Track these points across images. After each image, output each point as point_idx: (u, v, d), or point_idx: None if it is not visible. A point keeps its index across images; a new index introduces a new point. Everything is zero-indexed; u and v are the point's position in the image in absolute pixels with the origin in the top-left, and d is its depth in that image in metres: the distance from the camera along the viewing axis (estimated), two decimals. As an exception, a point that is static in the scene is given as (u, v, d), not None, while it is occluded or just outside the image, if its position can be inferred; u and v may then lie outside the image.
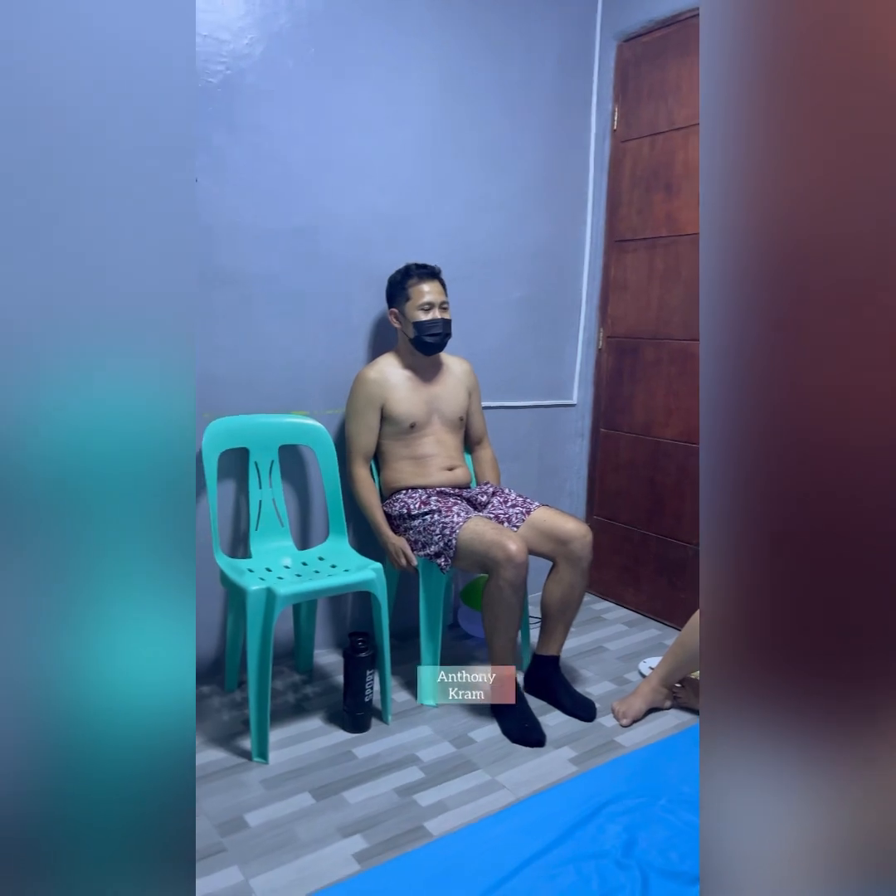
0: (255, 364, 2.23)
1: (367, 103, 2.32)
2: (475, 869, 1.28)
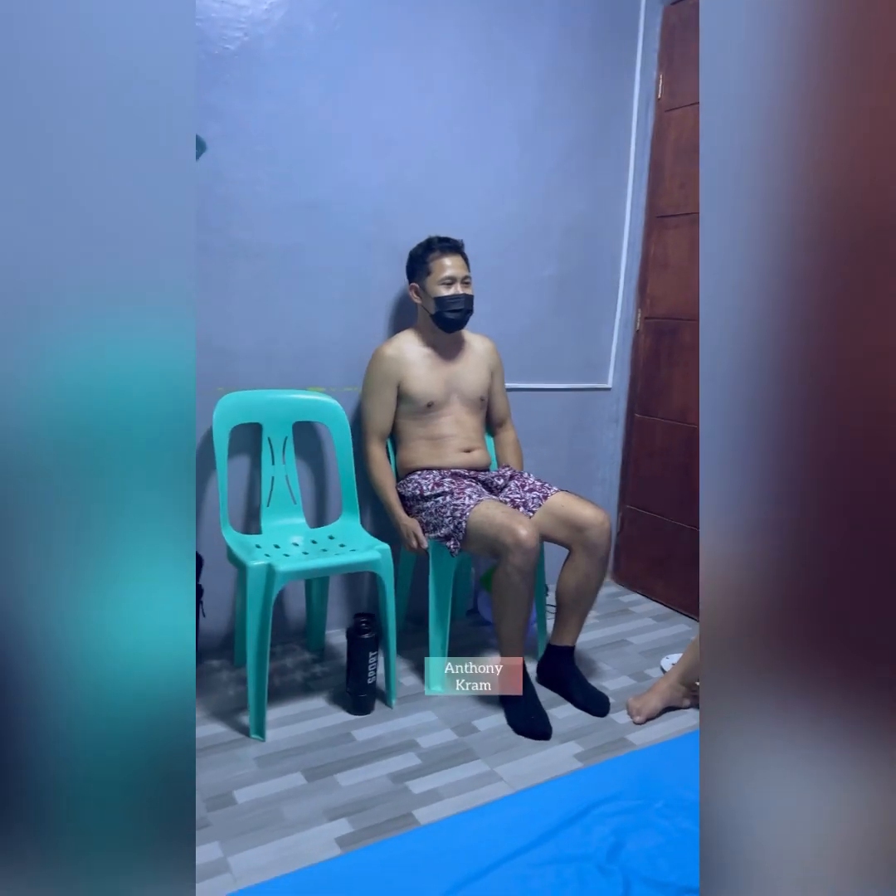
0: (272, 339, 2.21)
1: (392, 72, 2.25)
2: (450, 863, 1.23)
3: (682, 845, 1.29)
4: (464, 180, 2.45)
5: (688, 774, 1.48)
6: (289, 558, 1.96)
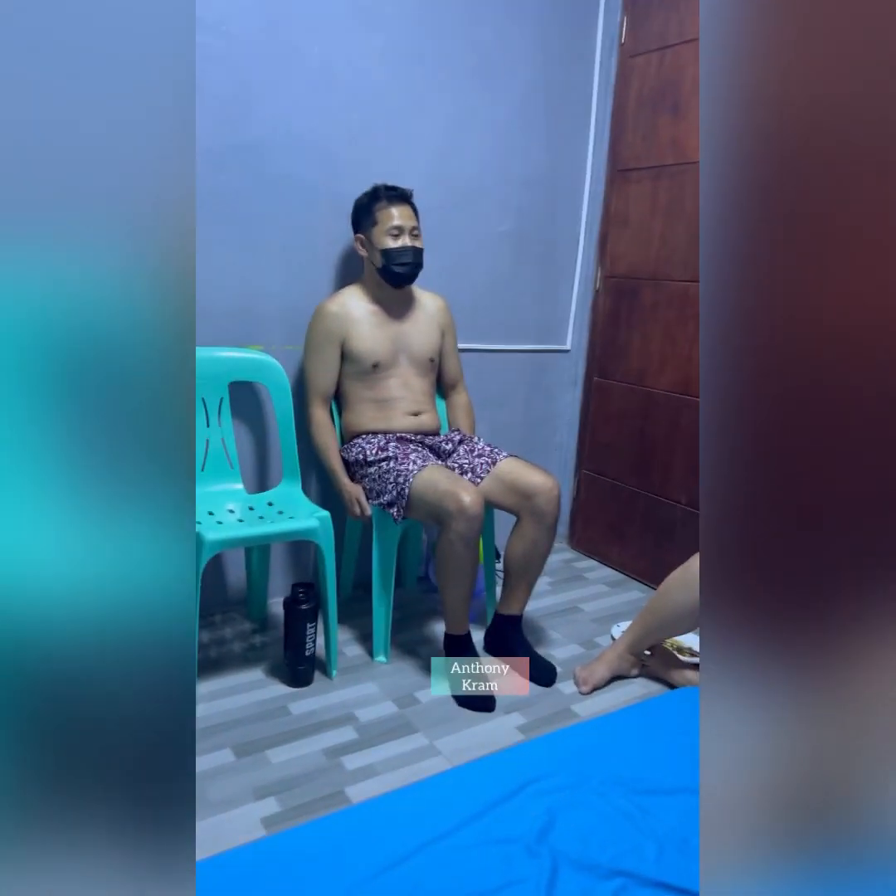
0: (204, 292, 2.07)
1: (334, 5, 2.09)
2: (371, 848, 1.17)
3: (615, 824, 1.25)
4: (413, 126, 2.31)
5: (627, 749, 1.44)
6: (220, 526, 1.86)
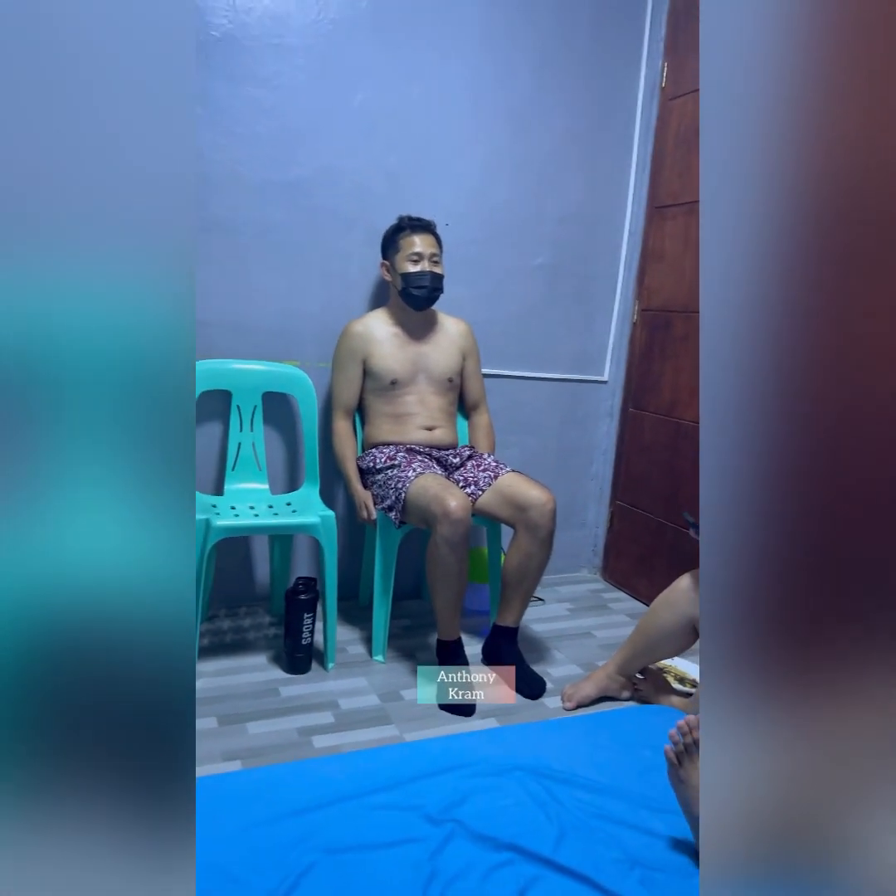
0: (247, 312, 2.31)
1: (377, 58, 2.32)
2: (286, 797, 1.26)
3: (525, 807, 1.27)
4: (450, 165, 2.49)
5: (566, 749, 1.46)
6: (230, 516, 2.04)
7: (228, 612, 2.42)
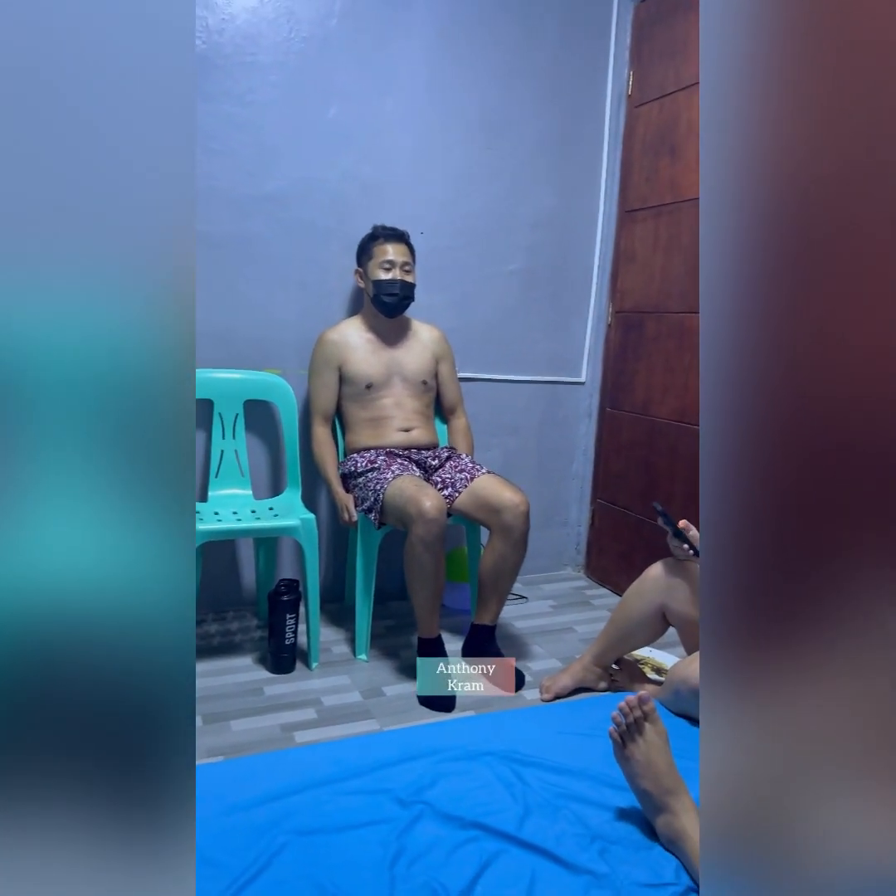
0: (227, 322, 2.37)
1: (349, 74, 2.39)
2: (263, 785, 1.31)
3: (492, 789, 1.32)
4: (424, 175, 2.55)
5: (536, 735, 1.50)
6: (213, 521, 2.09)
7: (216, 616, 2.47)
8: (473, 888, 1.10)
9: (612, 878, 1.12)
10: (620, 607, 1.98)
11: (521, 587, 2.87)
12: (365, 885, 1.10)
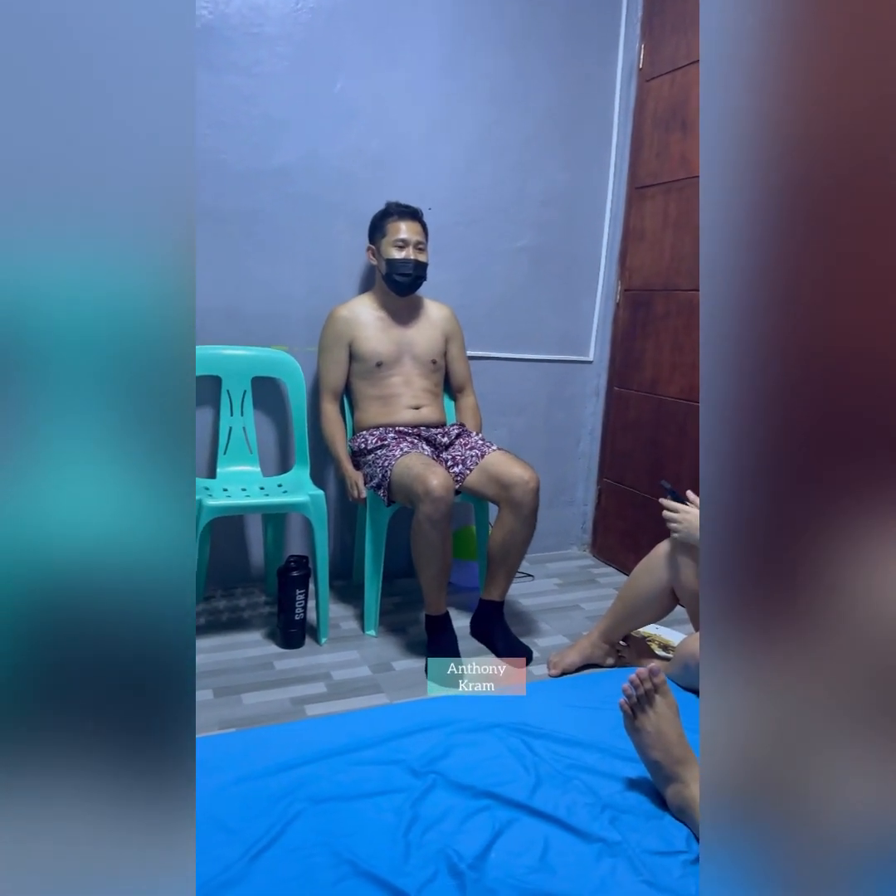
0: (235, 298, 2.36)
1: (356, 46, 2.36)
2: (277, 755, 1.33)
3: (503, 760, 1.33)
4: (431, 149, 2.53)
5: (545, 708, 1.52)
6: (222, 497, 2.10)
7: (225, 592, 2.48)
8: (488, 854, 1.11)
9: (623, 846, 1.14)
10: (629, 584, 1.99)
11: (528, 565, 2.88)
12: (380, 852, 1.11)
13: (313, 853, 1.11)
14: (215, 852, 1.13)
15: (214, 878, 1.08)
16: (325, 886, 1.06)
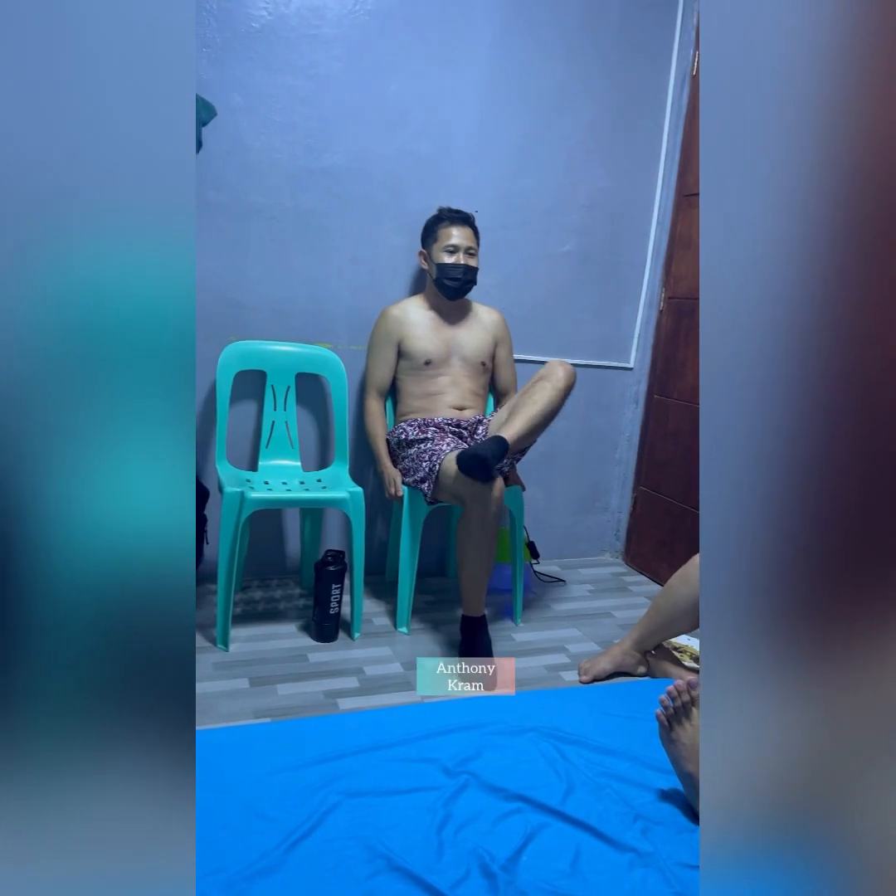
0: (283, 295, 2.40)
1: (410, 48, 2.38)
2: (313, 747, 1.35)
3: (535, 764, 1.34)
4: (479, 152, 2.54)
5: (578, 714, 1.52)
6: (264, 490, 2.13)
7: (261, 583, 2.53)
8: (519, 857, 1.13)
9: (655, 857, 1.14)
10: (664, 593, 1.98)
11: (560, 570, 2.88)
12: (414, 848, 1.13)
13: (348, 846, 1.14)
14: (253, 839, 1.16)
15: (252, 864, 1.11)
16: (359, 879, 1.08)
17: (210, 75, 2.18)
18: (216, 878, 1.07)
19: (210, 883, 1.06)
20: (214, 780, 1.26)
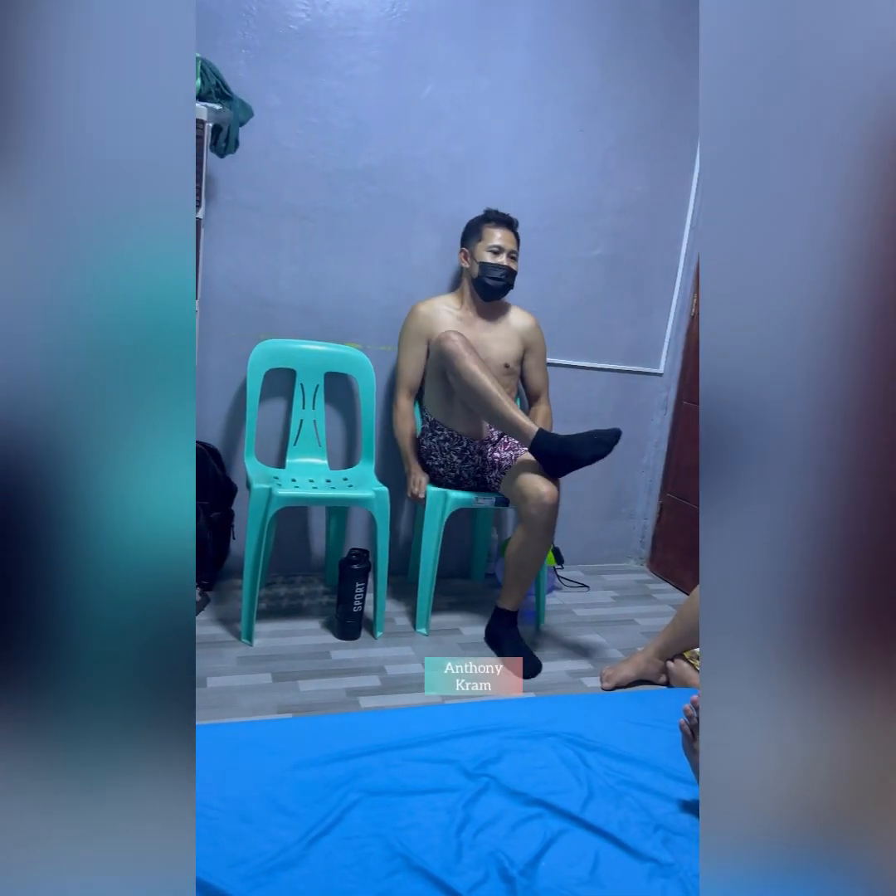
0: (314, 294, 2.42)
1: (446, 51, 2.39)
2: (335, 744, 1.36)
3: (556, 770, 1.34)
4: (513, 155, 2.54)
5: (600, 721, 1.51)
6: (291, 487, 2.15)
7: (285, 579, 2.55)
8: (538, 862, 1.12)
9: (676, 869, 1.13)
10: (690, 602, 1.96)
11: (583, 576, 2.87)
12: (433, 849, 1.13)
13: (368, 843, 1.14)
14: (273, 833, 1.17)
15: (272, 858, 1.12)
16: (378, 877, 1.08)
17: (248, 76, 2.21)
18: (237, 870, 1.08)
19: (231, 875, 1.07)
20: (236, 774, 1.27)
